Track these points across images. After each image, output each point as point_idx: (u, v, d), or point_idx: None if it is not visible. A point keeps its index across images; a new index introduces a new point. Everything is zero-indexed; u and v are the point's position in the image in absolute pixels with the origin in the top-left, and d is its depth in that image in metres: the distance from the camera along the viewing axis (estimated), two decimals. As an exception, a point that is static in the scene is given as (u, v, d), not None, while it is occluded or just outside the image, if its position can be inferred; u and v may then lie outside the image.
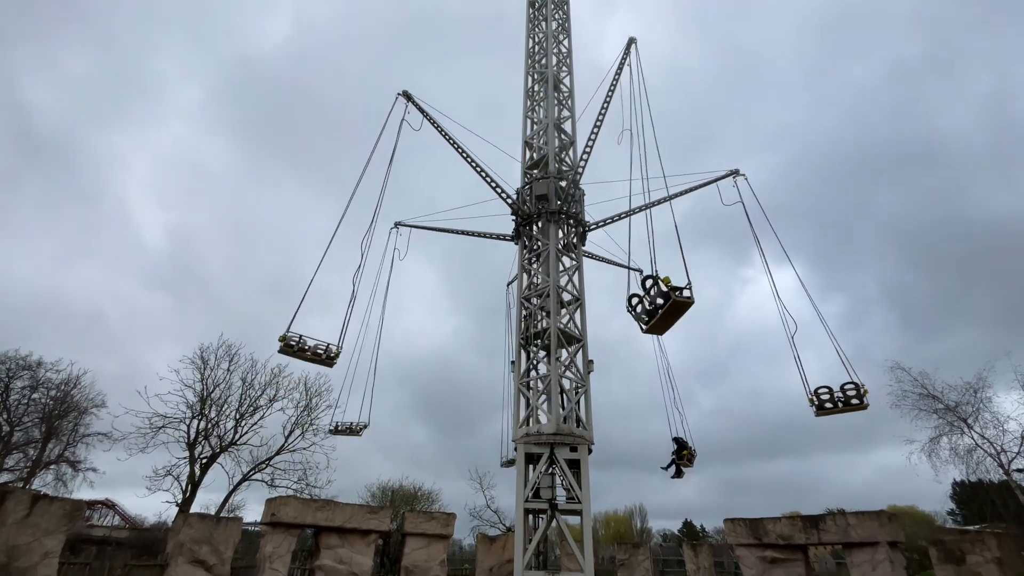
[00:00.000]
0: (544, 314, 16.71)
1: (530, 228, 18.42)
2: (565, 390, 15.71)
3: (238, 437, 30.62)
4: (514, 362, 16.78)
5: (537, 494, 14.20)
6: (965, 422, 27.99)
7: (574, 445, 14.56)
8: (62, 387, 33.25)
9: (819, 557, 37.15)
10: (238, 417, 30.82)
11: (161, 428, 28.56)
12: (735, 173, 19.80)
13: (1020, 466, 27.29)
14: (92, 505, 39.80)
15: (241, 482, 30.33)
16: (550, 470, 14.39)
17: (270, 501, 16.99)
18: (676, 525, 75.51)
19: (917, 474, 29.01)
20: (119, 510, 42.67)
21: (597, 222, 18.98)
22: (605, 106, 19.09)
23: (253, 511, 40.03)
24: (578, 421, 15.36)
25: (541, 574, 13.67)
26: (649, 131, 15.72)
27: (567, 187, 18.33)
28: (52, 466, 33.27)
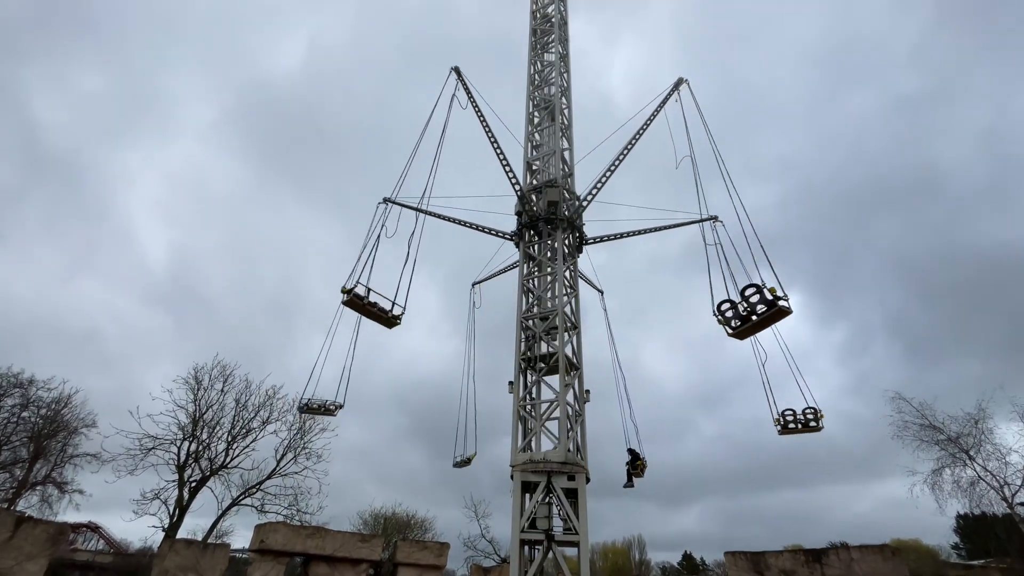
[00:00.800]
0: (548, 337, 16.63)
1: (535, 233, 18.62)
2: (566, 417, 15.50)
3: (229, 460, 30.08)
4: (512, 382, 16.61)
5: (533, 524, 13.87)
6: (967, 454, 27.64)
7: (572, 474, 14.29)
8: (53, 406, 32.78)
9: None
10: (230, 439, 30.33)
11: (151, 450, 28.07)
12: (714, 219, 20.25)
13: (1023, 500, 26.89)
14: (76, 528, 38.88)
15: (230, 507, 29.66)
16: (547, 500, 14.09)
17: (259, 527, 16.58)
18: (675, 557, 73.97)
19: (917, 507, 28.39)
20: (104, 534, 41.67)
21: (598, 237, 19.60)
22: (635, 139, 19.67)
23: (242, 537, 39.09)
24: (576, 449, 15.12)
25: (536, 608, 13.26)
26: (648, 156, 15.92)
27: (571, 214, 18.64)
28: (38, 487, 32.57)
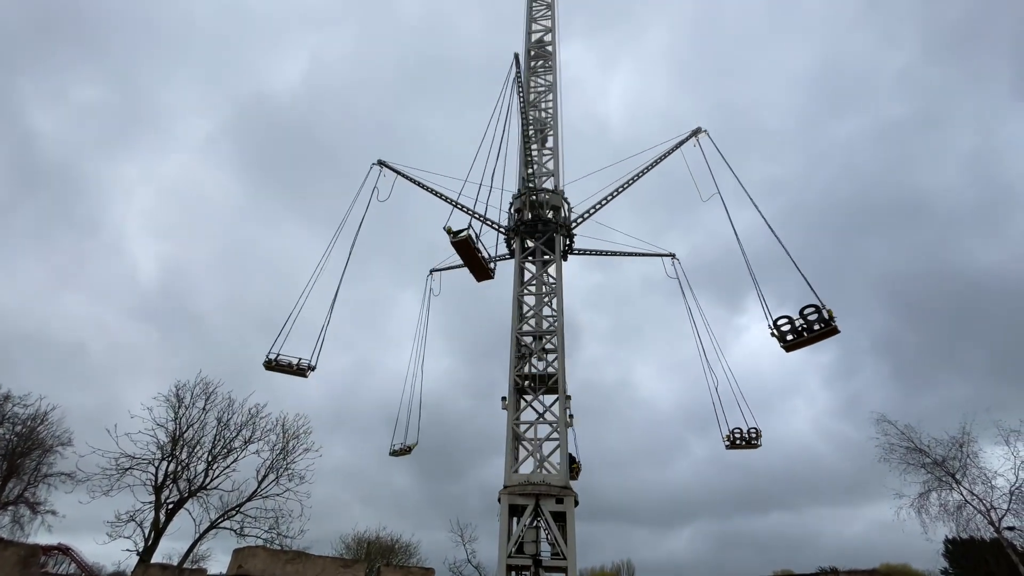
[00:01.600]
0: (543, 355, 16.54)
1: (533, 231, 18.95)
2: (551, 439, 15.33)
3: (209, 481, 29.28)
4: (505, 398, 16.44)
5: (521, 549, 13.59)
6: (953, 477, 27.68)
7: (560, 497, 14.07)
8: (28, 423, 31.87)
9: (811, 618, 35.74)
10: (210, 459, 29.58)
11: (128, 470, 27.25)
12: (672, 256, 22.34)
13: (1011, 524, 26.88)
14: (47, 551, 37.51)
15: (208, 530, 28.77)
16: (535, 523, 13.84)
17: (237, 552, 16.08)
18: (665, 583, 72.82)
19: (904, 530, 28.21)
20: (75, 557, 40.19)
21: (585, 251, 20.38)
22: (642, 173, 20.49)
23: (219, 562, 37.78)
24: (549, 466, 14.92)
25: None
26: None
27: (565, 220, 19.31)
28: (10, 507, 31.45)
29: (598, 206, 19.84)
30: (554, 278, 18.09)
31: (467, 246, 15.34)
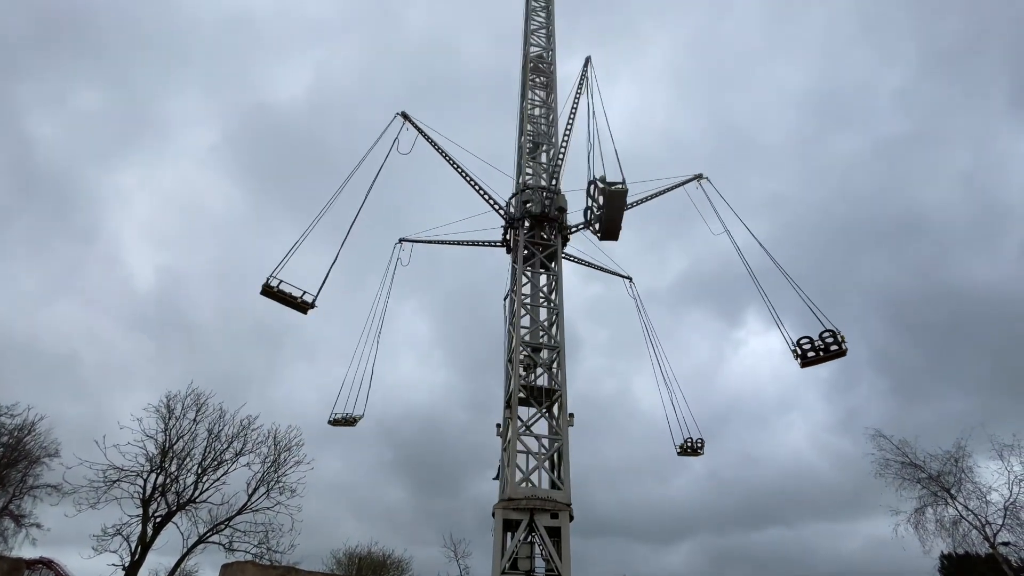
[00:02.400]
0: (540, 367, 16.45)
1: (528, 230, 19.11)
2: (547, 452, 15.19)
3: (198, 494, 28.83)
4: (498, 425, 16.28)
5: (515, 565, 13.41)
6: (948, 492, 27.64)
7: (555, 511, 13.91)
8: (15, 433, 31.35)
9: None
10: (200, 472, 29.15)
11: (116, 482, 26.80)
12: (629, 279, 23.35)
13: (1005, 539, 26.81)
14: (31, 564, 36.77)
15: (196, 544, 28.22)
16: (529, 539, 13.67)
17: (226, 567, 15.82)
18: (661, 599, 71.91)
19: (904, 548, 28.08)
20: (59, 570, 39.34)
21: (569, 256, 20.62)
22: (642, 201, 21.24)
23: (207, 578, 37.18)
24: (554, 482, 14.76)
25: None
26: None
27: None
28: (-5, 520, 30.83)
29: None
30: (554, 273, 18.08)
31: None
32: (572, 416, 15.94)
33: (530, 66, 24.01)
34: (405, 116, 21.47)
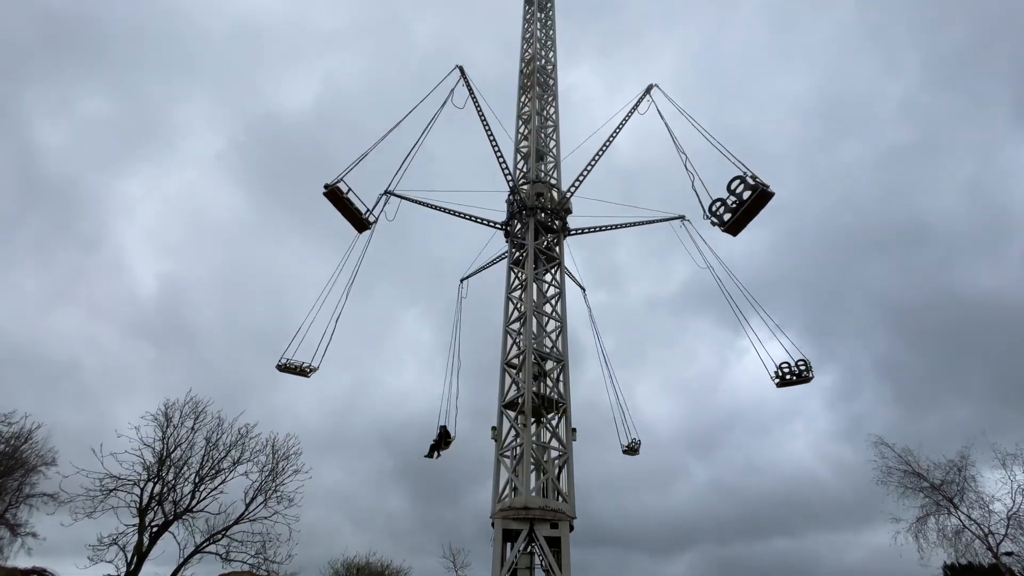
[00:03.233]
0: (543, 378, 16.35)
1: (524, 226, 19.38)
2: (548, 461, 15.08)
3: (195, 503, 28.61)
4: (494, 428, 16.17)
5: (514, 575, 13.26)
6: (951, 502, 27.43)
7: (555, 521, 13.79)
8: (12, 441, 31.14)
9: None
10: (197, 480, 28.94)
11: (112, 491, 26.59)
12: (583, 289, 23.67)
13: (1008, 549, 26.59)
14: (26, 575, 36.45)
15: (193, 554, 27.98)
16: (529, 549, 13.54)
17: (223, 578, 15.63)
18: (663, 611, 71.12)
19: (901, 555, 27.80)
20: (54, 580, 39.01)
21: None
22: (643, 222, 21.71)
23: (204, 587, 36.77)
24: (559, 494, 14.64)
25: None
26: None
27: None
28: (-10, 530, 30.54)
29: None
30: (557, 283, 18.02)
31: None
32: (575, 431, 15.85)
33: (527, 70, 24.29)
34: (462, 71, 22.01)
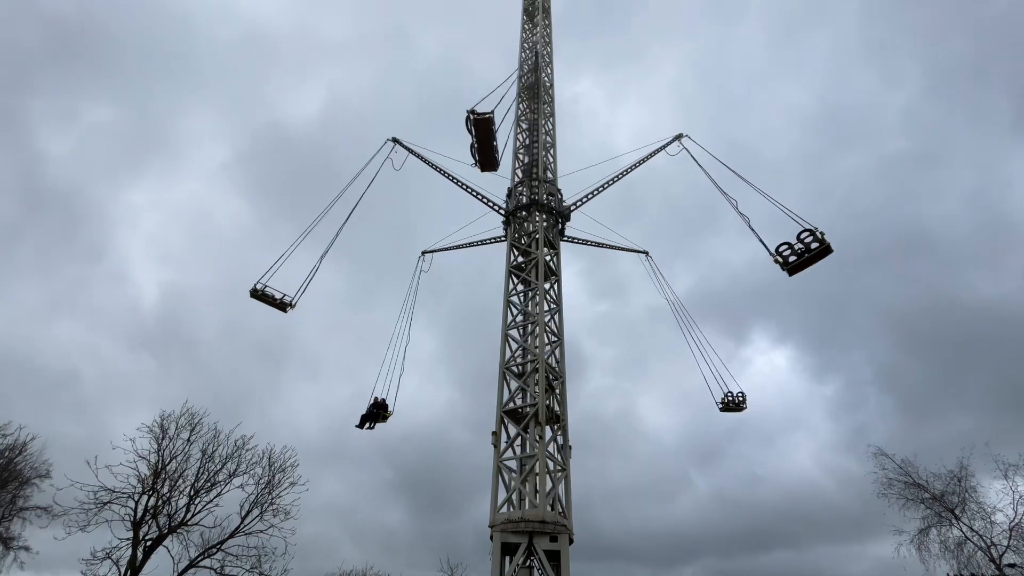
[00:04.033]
0: (535, 388, 16.23)
1: (522, 220, 19.98)
2: (547, 472, 14.94)
3: (190, 516, 28.28)
4: (494, 433, 16.05)
5: (513, 590, 13.10)
6: (952, 513, 27.25)
7: (555, 535, 13.65)
8: (6, 453, 30.84)
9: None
10: (192, 493, 28.63)
11: (107, 504, 26.29)
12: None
13: (1011, 561, 26.37)
14: (18, 590, 35.91)
15: (187, 568, 27.58)
16: (528, 563, 13.38)
17: (217, 593, 15.42)
18: (665, 627, 70.16)
19: (905, 568, 27.54)
20: (47, 596, 38.43)
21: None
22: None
23: (198, 602, 36.23)
24: (559, 506, 14.51)
25: None
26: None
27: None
28: (-18, 544, 30.16)
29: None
30: (554, 297, 17.96)
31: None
32: (570, 448, 15.75)
33: (525, 82, 24.60)
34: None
